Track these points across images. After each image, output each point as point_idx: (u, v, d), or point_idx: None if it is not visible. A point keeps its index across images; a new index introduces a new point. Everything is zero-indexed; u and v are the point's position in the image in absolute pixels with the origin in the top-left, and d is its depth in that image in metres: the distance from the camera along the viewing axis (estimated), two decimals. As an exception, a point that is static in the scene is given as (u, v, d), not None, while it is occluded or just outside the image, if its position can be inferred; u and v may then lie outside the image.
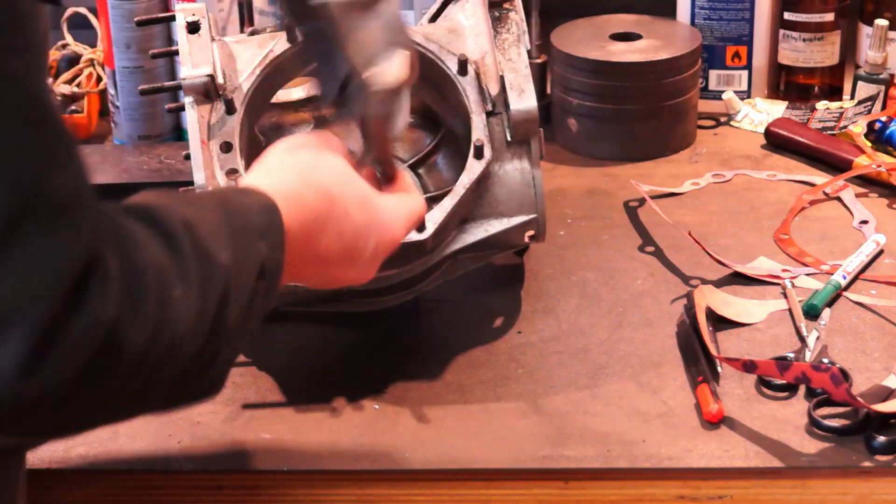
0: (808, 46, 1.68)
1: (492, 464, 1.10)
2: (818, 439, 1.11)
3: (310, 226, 0.95)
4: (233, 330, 0.87)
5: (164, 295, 0.80)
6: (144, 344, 0.78)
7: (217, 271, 0.85)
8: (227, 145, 1.20)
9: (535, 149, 1.23)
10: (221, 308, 0.85)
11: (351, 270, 1.01)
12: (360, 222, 0.99)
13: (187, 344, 0.83)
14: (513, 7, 1.29)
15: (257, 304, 0.90)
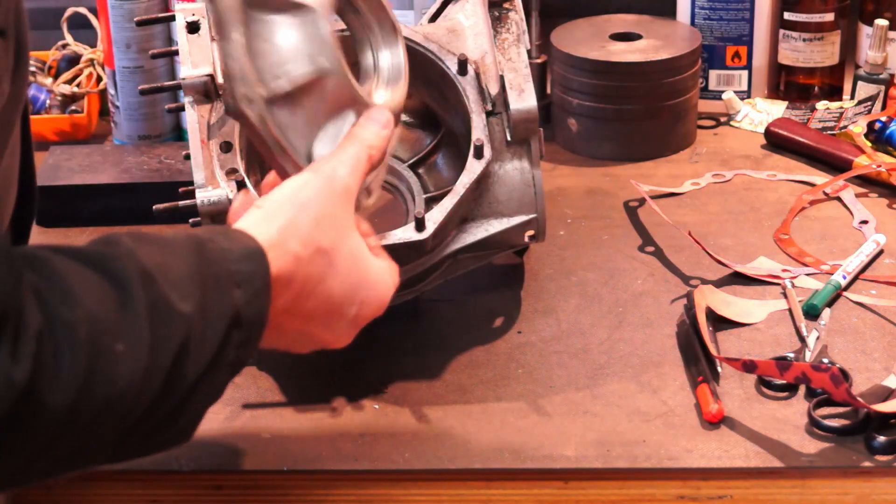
0: (808, 46, 1.68)
1: (492, 464, 1.10)
2: (818, 439, 1.11)
3: (299, 282, 0.92)
4: (198, 381, 0.85)
5: (99, 351, 0.78)
6: (70, 404, 0.76)
7: (175, 324, 0.82)
8: (226, 145, 1.20)
9: (535, 148, 1.23)
10: (179, 360, 0.83)
11: (330, 333, 0.97)
12: (349, 286, 0.96)
13: (133, 399, 0.80)
14: (512, 7, 1.29)
15: (229, 355, 0.87)
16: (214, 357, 0.85)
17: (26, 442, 0.76)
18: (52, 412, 0.76)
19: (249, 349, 0.89)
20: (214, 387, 0.88)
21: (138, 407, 0.82)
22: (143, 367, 0.81)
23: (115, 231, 0.86)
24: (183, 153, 1.25)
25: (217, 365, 0.86)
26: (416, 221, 1.16)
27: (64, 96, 1.69)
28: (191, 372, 0.84)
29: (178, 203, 1.21)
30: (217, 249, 0.88)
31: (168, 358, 0.82)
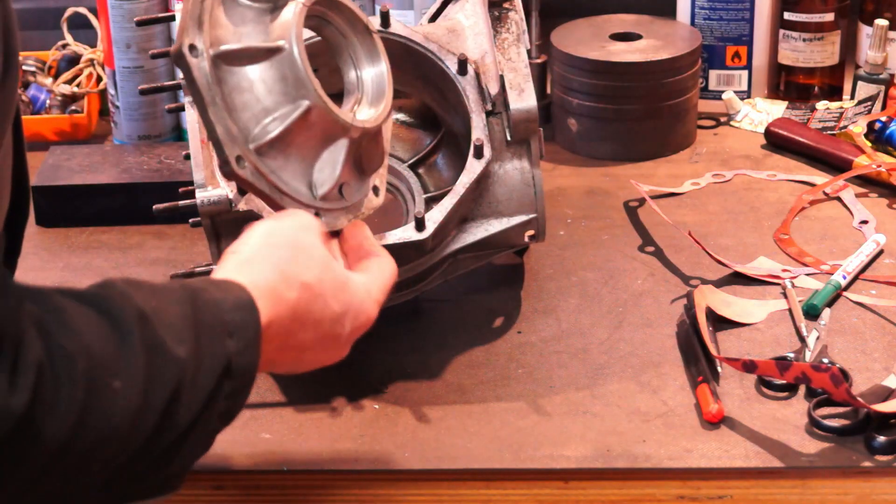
0: (808, 46, 1.68)
1: (492, 464, 1.10)
2: (818, 439, 1.11)
3: (287, 321, 0.93)
4: (188, 428, 0.84)
5: (96, 386, 0.78)
6: (66, 436, 0.76)
7: (169, 367, 0.83)
8: None
9: (535, 148, 1.23)
10: (171, 404, 0.83)
11: (326, 354, 0.99)
12: (337, 310, 0.97)
13: (124, 438, 0.81)
14: (512, 7, 1.29)
15: (220, 404, 0.87)
16: (205, 405, 0.86)
17: (17, 473, 0.76)
18: (46, 443, 0.76)
19: (239, 400, 0.89)
20: (204, 436, 0.88)
21: (129, 447, 0.82)
22: (137, 407, 0.81)
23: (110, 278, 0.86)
24: (183, 153, 1.25)
25: (208, 413, 0.86)
26: (416, 221, 1.16)
27: (64, 96, 1.69)
28: (182, 418, 0.84)
29: (178, 203, 1.21)
30: (210, 300, 0.88)
31: (161, 400, 0.82)
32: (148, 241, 1.43)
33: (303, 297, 0.94)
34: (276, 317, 0.91)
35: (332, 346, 0.98)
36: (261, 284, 0.91)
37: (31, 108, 1.70)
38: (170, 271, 1.27)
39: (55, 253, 1.42)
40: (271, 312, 0.91)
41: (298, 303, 0.93)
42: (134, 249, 1.42)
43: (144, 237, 1.44)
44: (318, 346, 0.97)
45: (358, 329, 1.00)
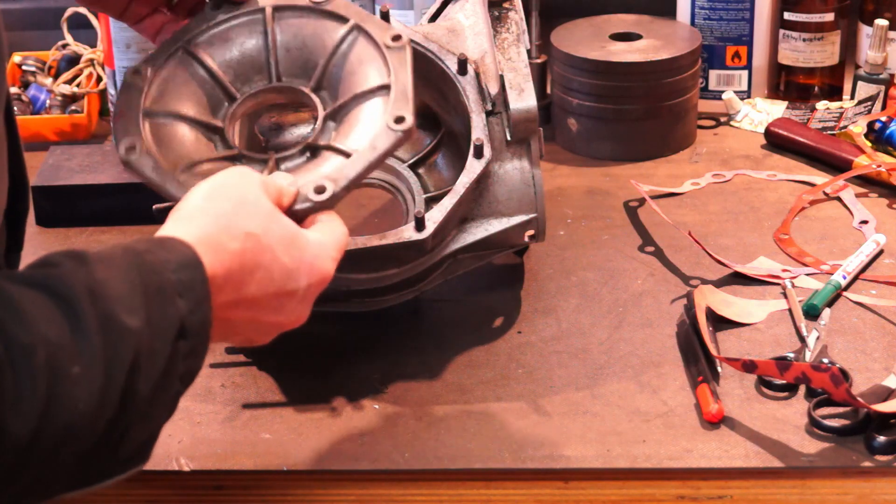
0: (808, 46, 1.68)
1: (492, 464, 1.10)
2: (818, 439, 1.11)
3: (236, 273, 0.91)
4: (151, 396, 0.84)
5: (57, 375, 0.78)
6: (32, 431, 0.76)
7: (125, 340, 0.82)
8: None
9: (535, 148, 1.23)
10: (132, 377, 0.82)
11: (283, 314, 0.96)
12: (289, 263, 0.95)
13: (92, 421, 0.80)
14: (512, 6, 1.29)
15: (178, 367, 0.86)
16: (165, 370, 0.85)
17: None
18: (14, 440, 0.76)
19: (197, 359, 0.88)
20: (168, 401, 0.87)
21: (97, 428, 0.81)
22: (100, 387, 0.80)
23: (53, 253, 0.85)
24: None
25: (168, 378, 0.86)
26: (416, 221, 1.16)
27: (64, 96, 1.69)
28: (144, 387, 0.84)
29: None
30: (155, 261, 0.87)
31: (122, 375, 0.82)
32: (148, 241, 1.43)
33: (248, 246, 0.92)
34: (220, 268, 0.90)
35: (288, 305, 0.96)
36: (202, 237, 0.90)
37: (31, 108, 1.70)
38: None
39: (55, 253, 1.42)
40: (215, 263, 0.89)
41: (244, 253, 0.91)
42: (134, 249, 1.42)
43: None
44: (273, 304, 0.95)
45: (314, 286, 0.97)
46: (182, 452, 1.12)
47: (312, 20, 1.12)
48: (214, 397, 1.18)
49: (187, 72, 1.11)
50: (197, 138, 1.09)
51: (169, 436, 1.13)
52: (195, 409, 1.17)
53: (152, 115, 1.08)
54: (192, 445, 1.13)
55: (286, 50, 1.12)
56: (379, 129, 1.04)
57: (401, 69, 1.07)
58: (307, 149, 1.08)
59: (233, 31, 1.13)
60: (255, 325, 0.96)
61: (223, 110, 1.12)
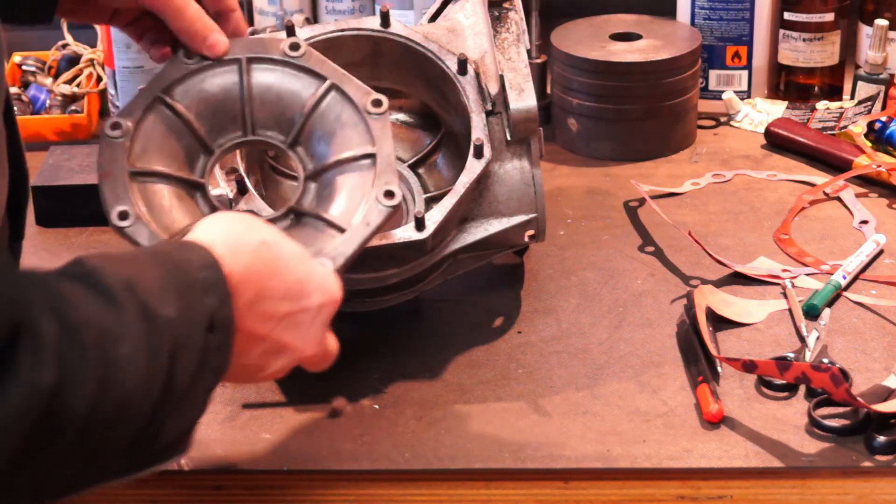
0: (808, 46, 1.68)
1: (492, 464, 1.10)
2: (818, 439, 1.11)
3: (253, 277, 0.93)
4: (189, 386, 0.86)
5: (107, 354, 0.79)
6: (89, 406, 0.78)
7: (163, 329, 0.84)
8: None
9: (535, 148, 1.23)
10: (172, 365, 0.84)
11: (298, 334, 0.97)
12: (301, 275, 0.97)
13: (139, 404, 0.82)
14: (512, 6, 1.29)
15: (210, 361, 0.88)
16: (199, 361, 0.87)
17: (49, 451, 0.77)
18: (74, 418, 0.77)
19: (225, 355, 0.90)
20: (202, 393, 0.89)
21: (145, 411, 0.83)
22: (145, 371, 0.82)
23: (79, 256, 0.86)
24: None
25: (202, 370, 0.88)
26: (416, 221, 1.16)
27: (64, 96, 1.69)
28: (183, 377, 0.86)
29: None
30: (180, 260, 0.89)
31: (164, 361, 0.84)
32: (148, 241, 1.43)
33: (263, 252, 0.94)
34: (238, 274, 0.91)
35: (303, 321, 0.97)
36: (219, 242, 0.92)
37: (31, 108, 1.70)
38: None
39: (55, 253, 1.42)
40: (233, 266, 0.91)
41: (260, 257, 0.94)
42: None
43: (144, 237, 1.44)
44: (288, 320, 0.96)
45: (325, 307, 0.99)
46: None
47: (288, 74, 1.12)
48: (214, 397, 1.18)
49: (164, 124, 1.10)
50: (180, 196, 1.09)
51: (169, 436, 1.13)
52: (195, 409, 1.17)
53: (138, 176, 1.08)
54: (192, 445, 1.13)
55: (261, 102, 1.11)
56: (370, 204, 1.07)
57: (383, 138, 1.09)
58: (291, 212, 1.09)
59: (206, 82, 1.11)
60: (271, 345, 0.97)
61: (200, 162, 1.11)
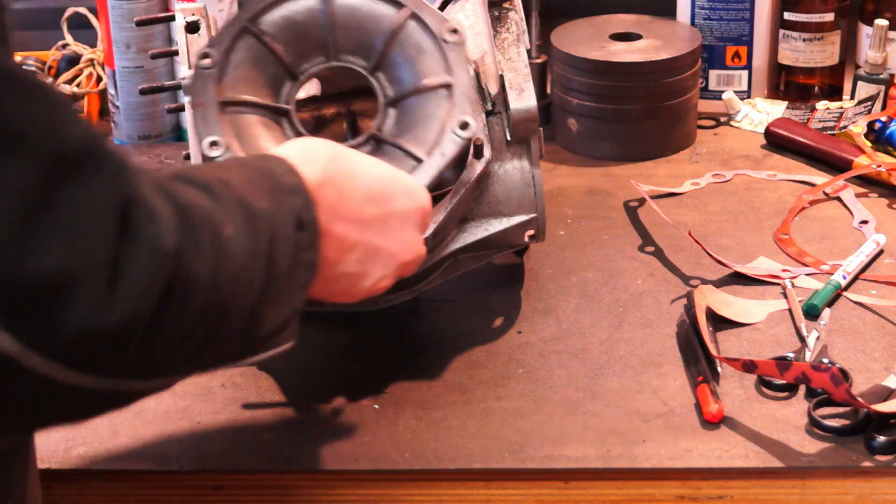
0: (808, 46, 1.68)
1: (492, 464, 1.10)
2: (818, 439, 1.11)
3: (331, 181, 0.95)
4: (288, 274, 0.88)
5: (216, 231, 0.81)
6: (210, 275, 0.79)
7: (260, 218, 0.86)
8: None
9: (535, 148, 1.23)
10: (272, 251, 0.86)
11: (392, 238, 1.00)
12: (383, 177, 1.00)
13: (248, 281, 0.84)
14: (512, 6, 1.29)
15: (303, 257, 0.90)
16: (294, 254, 0.89)
17: (181, 317, 0.78)
18: (199, 285, 0.78)
19: (315, 254, 0.92)
20: (299, 287, 0.91)
21: (254, 290, 0.85)
22: (250, 250, 0.84)
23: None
24: (183, 153, 1.25)
25: (297, 263, 0.90)
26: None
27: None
28: (283, 264, 0.88)
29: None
30: (264, 166, 0.92)
31: (264, 246, 0.86)
32: (148, 241, 1.43)
33: (339, 157, 0.97)
34: (314, 175, 0.94)
35: (392, 224, 1.00)
36: (293, 154, 0.95)
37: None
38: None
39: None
40: (309, 172, 0.94)
41: (336, 161, 0.97)
42: (134, 249, 1.42)
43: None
44: (376, 222, 0.99)
45: (414, 212, 1.02)
46: (182, 452, 1.12)
47: (369, 1, 1.17)
48: (214, 397, 1.18)
49: (251, 53, 1.15)
50: (266, 124, 1.15)
51: (169, 436, 1.13)
52: (195, 409, 1.17)
53: (227, 106, 1.14)
54: (192, 445, 1.13)
55: (343, 28, 1.17)
56: (446, 134, 1.12)
57: (459, 68, 1.14)
58: (372, 139, 1.14)
59: (290, 9, 1.17)
60: (365, 251, 0.99)
61: (286, 89, 1.16)
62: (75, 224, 0.72)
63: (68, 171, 0.73)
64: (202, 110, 1.13)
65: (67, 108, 0.75)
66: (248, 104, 1.15)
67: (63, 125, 0.74)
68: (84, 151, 0.74)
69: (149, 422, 1.15)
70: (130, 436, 1.13)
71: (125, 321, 0.74)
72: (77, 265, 0.72)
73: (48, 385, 0.74)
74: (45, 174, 0.72)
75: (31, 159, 0.71)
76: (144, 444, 1.13)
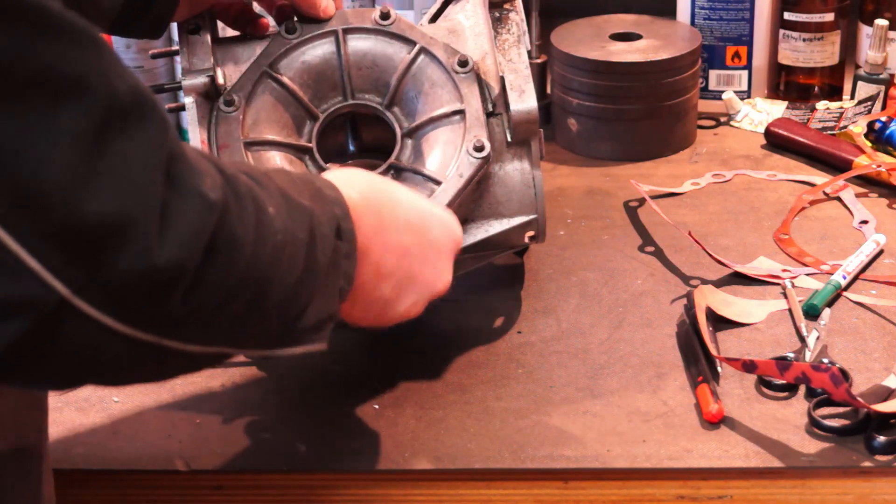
0: (808, 46, 1.68)
1: (492, 464, 1.10)
2: (818, 439, 1.11)
3: (372, 203, 0.96)
4: (325, 272, 0.88)
5: (258, 205, 0.82)
6: (253, 240, 0.80)
7: (301, 210, 0.87)
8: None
9: (536, 149, 1.23)
10: (311, 243, 0.86)
11: (428, 265, 1.01)
12: (420, 208, 1.01)
13: (288, 261, 0.84)
14: (513, 7, 1.29)
15: (342, 264, 0.91)
16: (332, 257, 0.89)
17: (224, 274, 0.78)
18: (242, 244, 0.79)
19: (352, 265, 0.93)
20: (336, 291, 0.91)
21: (293, 272, 0.85)
22: (290, 231, 0.84)
23: None
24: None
25: (335, 267, 0.90)
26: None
27: (64, 96, 1.69)
28: (322, 259, 0.88)
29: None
30: (306, 177, 0.93)
31: (304, 235, 0.86)
32: (148, 241, 1.43)
33: (377, 186, 0.99)
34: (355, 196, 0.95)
35: (430, 254, 1.01)
36: (333, 177, 0.96)
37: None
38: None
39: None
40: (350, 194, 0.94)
41: (374, 189, 0.98)
42: (134, 249, 1.42)
43: (144, 237, 1.44)
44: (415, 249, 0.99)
45: (448, 243, 1.03)
46: (182, 452, 1.12)
47: (381, 41, 1.23)
48: (214, 397, 1.19)
49: (272, 96, 1.21)
50: (291, 161, 1.20)
51: (169, 436, 1.14)
52: (195, 409, 1.17)
53: (252, 146, 1.19)
54: (192, 445, 1.13)
55: (358, 68, 1.23)
56: (461, 156, 1.18)
57: (471, 95, 1.20)
58: (391, 168, 1.20)
59: (307, 54, 1.23)
60: (401, 277, 0.99)
61: (307, 128, 1.22)
62: (127, 172, 0.73)
63: (119, 121, 0.74)
64: (228, 151, 1.18)
65: (117, 58, 0.76)
66: (271, 143, 1.20)
67: (115, 75, 0.74)
68: (133, 103, 0.75)
69: (149, 422, 1.15)
70: (130, 436, 1.14)
71: (172, 267, 0.75)
72: (129, 211, 0.73)
73: (95, 334, 0.74)
74: (99, 122, 0.73)
75: (87, 107, 0.72)
76: (144, 444, 1.13)
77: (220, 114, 1.20)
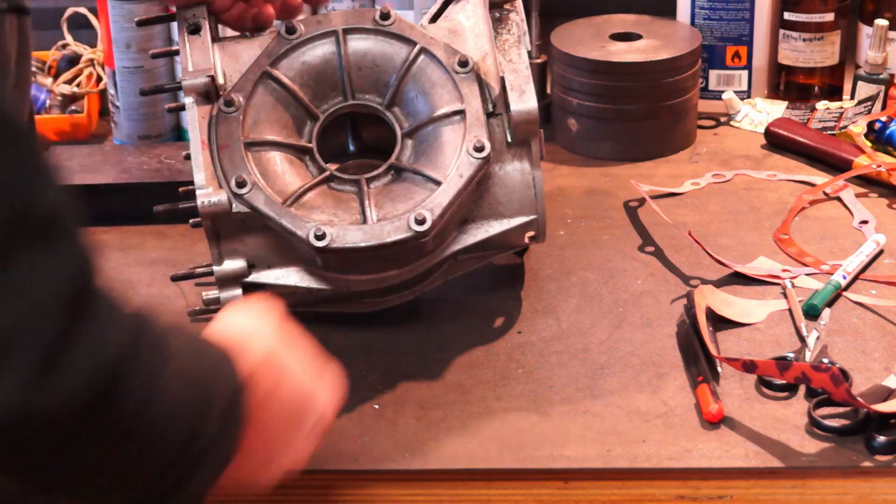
0: (808, 46, 1.68)
1: (492, 464, 1.10)
2: (818, 439, 1.11)
3: (259, 384, 0.91)
4: (213, 439, 0.84)
5: (157, 361, 0.78)
6: (143, 399, 0.76)
7: (203, 371, 0.84)
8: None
9: (536, 149, 1.23)
10: (205, 407, 0.83)
11: (290, 445, 0.96)
12: (307, 388, 0.96)
13: (177, 426, 0.80)
14: (513, 8, 1.29)
15: (231, 431, 0.86)
16: (223, 423, 0.85)
17: (101, 436, 0.75)
18: (126, 409, 0.75)
19: (238, 441, 0.88)
20: (221, 458, 0.87)
21: (177, 439, 0.81)
22: (187, 397, 0.81)
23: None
24: (183, 153, 1.25)
25: (226, 430, 0.86)
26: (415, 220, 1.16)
27: (64, 96, 1.69)
28: (212, 425, 0.84)
29: (179, 203, 1.21)
30: (203, 345, 0.88)
31: (200, 397, 0.83)
32: (148, 241, 1.43)
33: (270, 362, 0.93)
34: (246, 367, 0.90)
35: (298, 432, 0.96)
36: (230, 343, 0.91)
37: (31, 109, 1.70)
38: (170, 271, 1.27)
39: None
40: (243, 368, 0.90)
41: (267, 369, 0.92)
42: (134, 249, 1.42)
43: (144, 237, 1.44)
44: (286, 426, 0.95)
45: (319, 425, 0.98)
46: (182, 452, 1.12)
47: (381, 41, 1.23)
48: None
49: (272, 96, 1.21)
50: (291, 161, 1.20)
51: (169, 436, 1.13)
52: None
53: (252, 146, 1.19)
54: None
55: (358, 68, 1.23)
56: (461, 157, 1.17)
57: (471, 95, 1.20)
58: (392, 168, 1.20)
59: (307, 54, 1.23)
60: (264, 451, 0.94)
61: (307, 128, 1.22)
62: (29, 293, 0.69)
63: (32, 238, 0.70)
64: (229, 151, 1.18)
65: (47, 167, 0.72)
66: (272, 143, 1.20)
67: (37, 185, 0.70)
68: (51, 220, 0.71)
69: (149, 422, 1.15)
70: (131, 436, 1.13)
71: (48, 413, 0.70)
72: (17, 333, 0.68)
73: None
74: (7, 236, 0.69)
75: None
76: (145, 444, 1.13)
77: (220, 114, 1.20)
